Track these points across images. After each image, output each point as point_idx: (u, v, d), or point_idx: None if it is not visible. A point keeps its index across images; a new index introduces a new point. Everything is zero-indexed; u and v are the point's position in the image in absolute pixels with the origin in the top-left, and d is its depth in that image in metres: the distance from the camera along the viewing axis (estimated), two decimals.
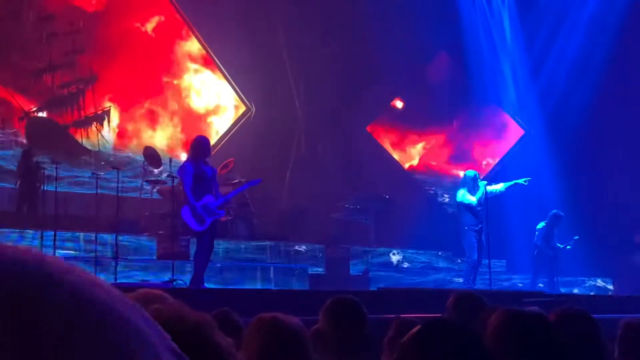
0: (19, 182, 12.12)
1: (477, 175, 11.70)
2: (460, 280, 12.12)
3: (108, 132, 14.73)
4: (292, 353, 2.54)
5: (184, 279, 9.13)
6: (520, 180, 11.63)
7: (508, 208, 14.00)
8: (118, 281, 9.62)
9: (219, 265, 11.45)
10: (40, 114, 14.36)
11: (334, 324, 3.26)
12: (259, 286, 11.66)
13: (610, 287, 15.06)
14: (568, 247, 13.77)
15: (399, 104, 17.69)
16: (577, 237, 13.85)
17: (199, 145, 8.92)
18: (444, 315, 4.91)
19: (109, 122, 14.79)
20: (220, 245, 11.82)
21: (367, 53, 15.95)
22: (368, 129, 17.26)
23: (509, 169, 16.52)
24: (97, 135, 14.52)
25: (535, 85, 16.68)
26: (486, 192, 11.25)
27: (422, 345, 2.08)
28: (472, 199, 11.13)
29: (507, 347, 2.06)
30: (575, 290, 14.18)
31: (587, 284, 14.86)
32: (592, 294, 13.16)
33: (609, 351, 3.54)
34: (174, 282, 9.12)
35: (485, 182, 11.48)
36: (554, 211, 13.60)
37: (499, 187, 11.56)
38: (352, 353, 3.26)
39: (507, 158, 17.65)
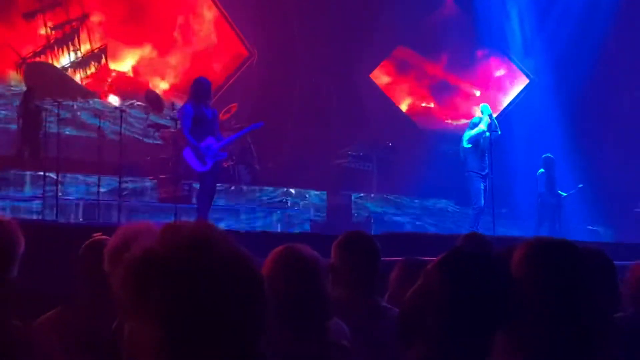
0: (19, 125, 11.98)
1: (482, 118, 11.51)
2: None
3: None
4: (307, 280, 2.48)
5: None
6: (486, 113, 11.15)
7: (512, 156, 13.87)
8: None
9: (221, 208, 11.42)
10: (37, 59, 14.15)
11: (347, 257, 3.19)
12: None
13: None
14: (572, 192, 13.64)
15: None
16: (581, 185, 13.74)
17: (199, 86, 8.70)
18: None
19: (106, 59, 14.61)
20: (221, 189, 11.76)
21: None
22: (371, 75, 17.04)
23: (513, 117, 16.35)
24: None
25: (542, 30, 16.38)
26: (492, 123, 10.90)
27: (448, 271, 2.00)
28: (481, 127, 10.91)
29: (534, 273, 1.99)
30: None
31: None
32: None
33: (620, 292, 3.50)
34: None
35: (490, 112, 11.20)
36: (544, 155, 13.35)
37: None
38: (365, 286, 3.20)
39: (511, 106, 17.46)
